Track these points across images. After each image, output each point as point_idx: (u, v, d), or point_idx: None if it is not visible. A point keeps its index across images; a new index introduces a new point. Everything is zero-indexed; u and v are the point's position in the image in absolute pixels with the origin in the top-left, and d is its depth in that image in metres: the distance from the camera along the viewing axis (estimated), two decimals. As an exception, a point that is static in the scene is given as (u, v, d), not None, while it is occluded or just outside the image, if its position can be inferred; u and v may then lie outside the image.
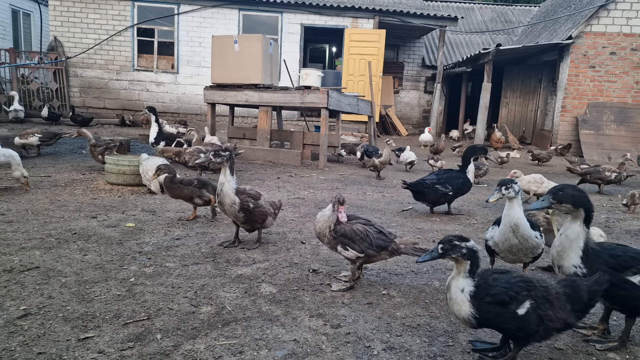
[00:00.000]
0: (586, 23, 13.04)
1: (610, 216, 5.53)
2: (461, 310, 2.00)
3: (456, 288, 2.02)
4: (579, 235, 2.24)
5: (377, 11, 15.37)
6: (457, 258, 2.01)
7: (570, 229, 2.26)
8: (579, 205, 2.23)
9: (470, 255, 2.00)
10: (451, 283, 2.05)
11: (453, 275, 2.05)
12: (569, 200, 2.24)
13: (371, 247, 2.81)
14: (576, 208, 2.24)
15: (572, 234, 2.25)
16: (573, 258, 2.24)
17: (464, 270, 2.01)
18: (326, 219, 2.88)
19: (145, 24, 15.33)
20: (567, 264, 2.26)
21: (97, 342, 2.12)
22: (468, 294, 1.99)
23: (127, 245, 3.50)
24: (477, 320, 1.99)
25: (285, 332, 2.30)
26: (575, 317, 2.02)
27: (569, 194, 2.24)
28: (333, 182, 6.92)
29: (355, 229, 2.82)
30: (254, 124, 14.43)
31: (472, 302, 1.98)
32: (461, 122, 17.24)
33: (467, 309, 1.99)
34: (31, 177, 5.82)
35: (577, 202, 2.23)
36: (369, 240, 2.81)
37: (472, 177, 5.18)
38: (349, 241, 2.80)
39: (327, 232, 2.86)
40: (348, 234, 2.81)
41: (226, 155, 3.42)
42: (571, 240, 2.25)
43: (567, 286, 2.05)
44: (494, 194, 2.92)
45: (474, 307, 1.98)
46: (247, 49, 8.42)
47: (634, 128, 13.01)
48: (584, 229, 2.24)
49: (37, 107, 14.26)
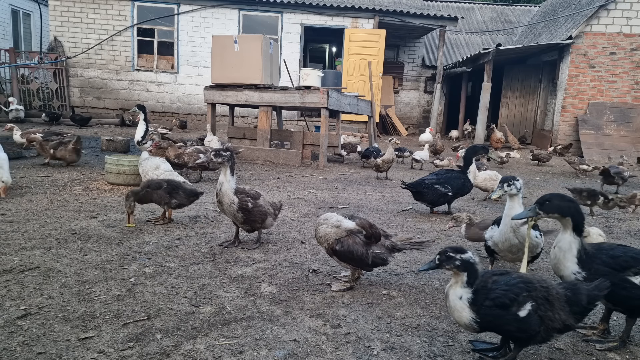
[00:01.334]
0: (586, 23, 13.04)
1: (611, 216, 5.54)
2: (462, 317, 2.00)
3: (454, 296, 2.02)
4: (571, 245, 2.26)
5: (377, 11, 15.37)
6: (451, 269, 2.02)
7: (562, 241, 2.29)
8: (566, 214, 2.26)
9: (465, 266, 2.00)
10: (449, 291, 2.05)
11: (451, 284, 2.05)
12: (556, 210, 2.27)
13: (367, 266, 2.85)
14: (564, 217, 2.27)
15: (565, 245, 2.28)
16: (570, 267, 2.26)
17: (462, 281, 2.01)
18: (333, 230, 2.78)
19: (145, 24, 15.33)
20: (566, 273, 2.28)
21: (97, 342, 2.12)
22: (467, 301, 1.99)
23: (127, 245, 3.50)
24: (479, 324, 1.99)
25: (285, 332, 2.30)
26: (574, 320, 2.02)
27: (555, 204, 2.27)
28: (333, 182, 6.92)
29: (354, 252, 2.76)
30: (254, 124, 14.43)
31: (471, 307, 1.98)
32: (461, 122, 17.25)
33: (468, 315, 1.98)
34: (31, 177, 5.82)
35: (565, 211, 2.26)
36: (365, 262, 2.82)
37: (473, 177, 5.17)
38: (345, 259, 2.81)
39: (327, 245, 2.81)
40: (347, 255, 2.78)
41: (227, 155, 3.43)
42: (564, 251, 2.27)
43: (568, 288, 2.06)
44: (496, 191, 2.93)
45: (474, 312, 1.97)
46: (247, 49, 8.42)
47: (634, 128, 13.01)
48: (575, 237, 2.26)
49: (37, 107, 14.27)
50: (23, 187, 5.23)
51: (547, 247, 3.31)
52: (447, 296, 2.06)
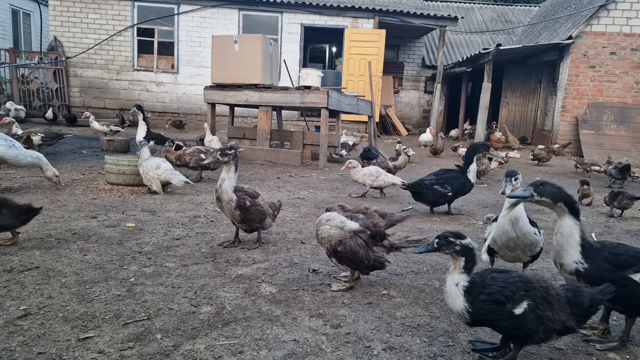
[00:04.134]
0: (586, 23, 13.03)
1: (610, 216, 5.53)
2: (455, 304, 2.04)
3: (451, 282, 2.07)
4: (572, 229, 2.24)
5: (377, 11, 15.36)
6: (451, 254, 2.07)
7: (562, 226, 2.27)
8: (557, 199, 2.25)
9: (464, 252, 2.04)
10: (447, 277, 2.10)
11: (450, 270, 2.11)
12: (548, 194, 2.26)
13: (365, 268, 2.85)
14: (555, 202, 2.25)
15: (566, 230, 2.25)
16: (573, 254, 2.24)
17: (459, 267, 2.06)
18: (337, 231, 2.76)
19: (145, 24, 15.32)
20: (567, 261, 2.26)
21: (97, 342, 2.12)
22: (462, 288, 2.03)
23: (127, 245, 3.50)
24: (471, 315, 2.01)
25: (285, 332, 2.30)
26: (575, 322, 2.02)
27: (548, 189, 2.27)
28: (333, 182, 6.92)
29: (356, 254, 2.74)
30: (254, 124, 14.42)
31: (465, 296, 2.02)
32: (461, 122, 17.24)
33: (461, 303, 2.02)
34: (31, 177, 5.82)
35: (556, 197, 2.25)
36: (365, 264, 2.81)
37: (473, 177, 5.13)
38: (346, 260, 2.79)
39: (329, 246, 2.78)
40: (348, 257, 2.76)
41: (232, 153, 3.49)
42: (566, 236, 2.25)
43: (569, 290, 2.06)
44: (506, 186, 2.92)
45: (468, 302, 2.01)
46: (247, 49, 8.42)
47: (634, 128, 13.01)
48: (575, 222, 2.25)
49: (37, 107, 14.26)
50: (23, 187, 5.23)
51: (547, 247, 3.31)
52: (445, 281, 2.11)
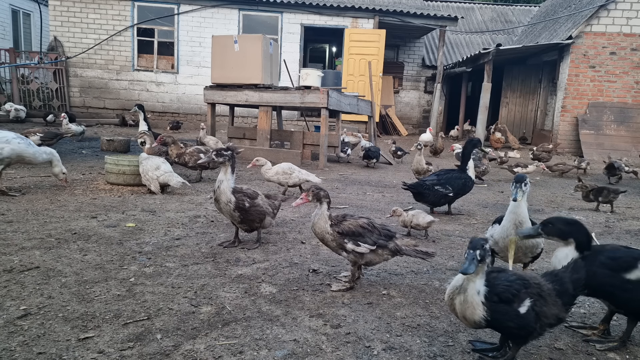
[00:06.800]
0: (586, 23, 13.04)
1: (611, 216, 5.53)
2: (474, 314, 1.94)
3: (473, 290, 1.94)
4: (567, 255, 2.29)
5: (377, 11, 15.37)
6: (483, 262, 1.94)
7: (560, 251, 2.33)
8: (566, 237, 2.30)
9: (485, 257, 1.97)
10: (468, 285, 1.95)
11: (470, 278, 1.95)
12: (555, 234, 2.32)
13: (380, 237, 2.81)
14: (564, 240, 2.31)
15: (561, 255, 2.31)
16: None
17: (483, 272, 1.96)
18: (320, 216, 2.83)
19: (145, 24, 15.32)
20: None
21: (97, 342, 2.12)
22: (483, 296, 1.94)
23: (127, 245, 3.50)
24: (487, 321, 1.96)
25: (285, 332, 2.30)
26: (565, 310, 2.06)
27: (557, 228, 2.32)
28: (333, 182, 6.92)
29: (360, 224, 2.80)
30: (254, 124, 14.43)
31: (485, 304, 1.93)
32: (461, 122, 17.24)
33: (481, 312, 1.94)
34: (31, 177, 5.83)
35: (565, 234, 2.30)
36: (377, 231, 2.81)
37: (472, 173, 5.12)
38: (358, 237, 2.77)
39: (330, 231, 2.79)
40: (354, 230, 2.77)
41: (228, 154, 3.48)
42: (559, 259, 2.30)
43: (554, 282, 2.08)
44: (517, 192, 2.76)
45: (487, 309, 1.93)
46: (247, 49, 8.42)
47: (634, 128, 13.01)
48: (574, 253, 2.28)
49: (37, 107, 14.26)
50: (23, 187, 5.23)
51: (548, 247, 3.32)
52: (465, 290, 1.95)
